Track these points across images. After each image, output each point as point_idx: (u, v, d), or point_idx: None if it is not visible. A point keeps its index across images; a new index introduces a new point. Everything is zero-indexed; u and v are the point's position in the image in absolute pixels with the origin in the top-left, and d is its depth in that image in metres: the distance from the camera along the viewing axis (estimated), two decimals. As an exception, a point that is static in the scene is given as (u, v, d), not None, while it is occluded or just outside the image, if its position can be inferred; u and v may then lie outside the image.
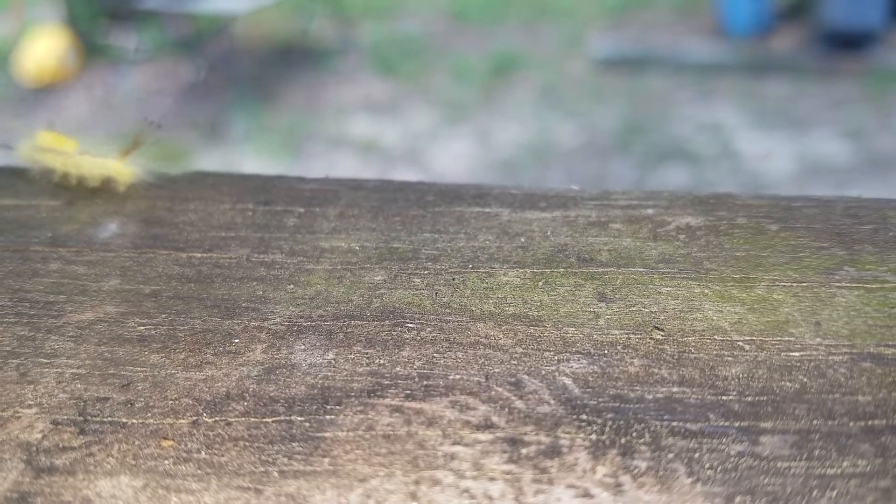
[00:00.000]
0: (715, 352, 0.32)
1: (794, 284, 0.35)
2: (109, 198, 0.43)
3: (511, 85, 3.95)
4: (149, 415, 0.29)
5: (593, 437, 0.28)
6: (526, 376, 0.31)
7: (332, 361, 0.31)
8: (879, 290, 0.35)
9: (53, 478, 0.27)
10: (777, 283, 0.35)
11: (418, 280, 0.36)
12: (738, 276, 0.36)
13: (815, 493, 0.26)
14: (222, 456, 0.27)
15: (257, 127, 3.56)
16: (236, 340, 0.33)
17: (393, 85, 3.99)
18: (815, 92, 3.59)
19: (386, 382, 0.30)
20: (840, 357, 0.31)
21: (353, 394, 0.30)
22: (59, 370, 0.31)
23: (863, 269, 0.36)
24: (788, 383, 0.30)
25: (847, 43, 3.74)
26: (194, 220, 0.41)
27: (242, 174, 0.45)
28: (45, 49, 4.14)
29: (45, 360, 0.32)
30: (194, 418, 0.29)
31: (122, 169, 0.44)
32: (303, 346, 0.32)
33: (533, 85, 3.94)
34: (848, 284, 0.35)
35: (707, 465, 0.27)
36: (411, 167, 3.15)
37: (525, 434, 0.28)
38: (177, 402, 0.29)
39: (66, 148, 0.45)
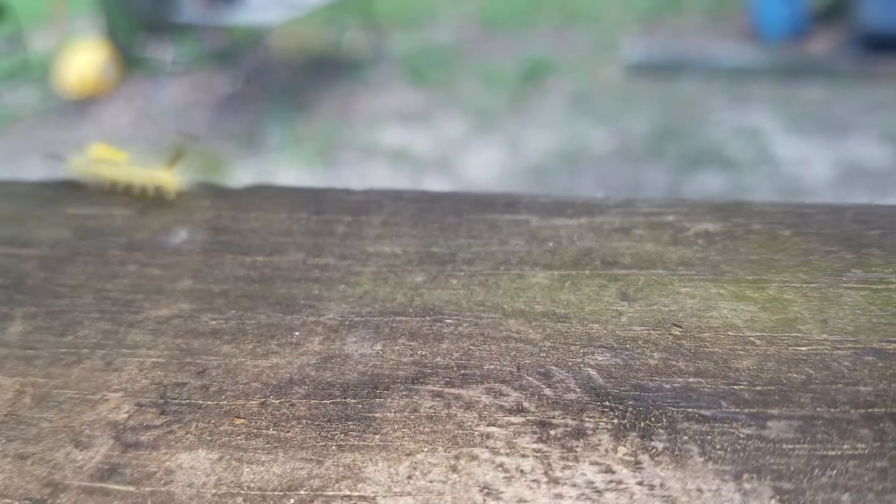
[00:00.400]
0: (728, 346, 0.35)
1: (804, 285, 0.38)
2: (178, 208, 0.47)
3: (542, 91, 3.97)
4: (222, 397, 0.33)
5: (615, 421, 0.31)
6: (554, 367, 0.34)
7: (380, 352, 0.35)
8: (884, 290, 0.37)
9: (139, 451, 0.31)
10: (788, 284, 0.38)
11: (455, 281, 0.40)
12: (751, 277, 0.39)
13: (816, 471, 0.28)
14: (288, 432, 0.31)
15: (292, 137, 3.63)
16: (297, 333, 0.36)
17: (424, 94, 4.04)
18: (852, 95, 3.54)
19: (428, 371, 0.34)
20: (844, 351, 0.34)
21: (399, 380, 0.33)
22: (140, 359, 0.35)
23: (869, 271, 0.39)
24: (795, 375, 0.33)
25: (884, 45, 3.68)
26: (256, 227, 0.45)
27: (296, 187, 0.50)
28: (85, 62, 4.26)
29: (128, 351, 0.36)
30: (262, 400, 0.33)
31: (170, 179, 0.48)
32: (354, 339, 0.36)
33: (564, 91, 3.96)
34: (855, 285, 0.38)
35: (718, 447, 0.30)
36: (442, 175, 3.19)
37: (553, 418, 0.31)
38: (247, 386, 0.33)
39: (117, 159, 0.49)
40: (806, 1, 4.11)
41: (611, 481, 0.28)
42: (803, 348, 0.34)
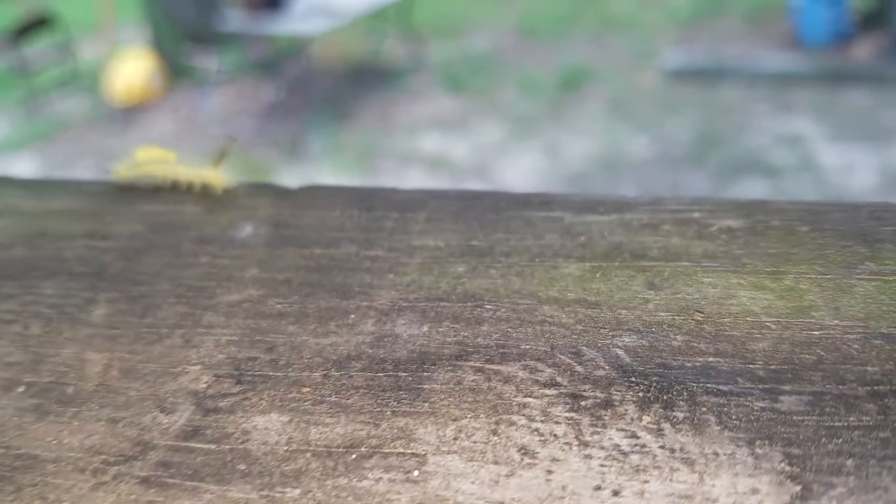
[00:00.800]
0: (746, 330, 0.38)
1: (819, 276, 0.41)
2: (242, 206, 0.52)
3: (580, 98, 3.98)
4: (290, 369, 0.37)
5: (640, 394, 0.34)
6: (585, 347, 0.37)
7: (427, 333, 0.39)
8: (895, 281, 0.40)
9: (219, 416, 0.35)
10: (804, 276, 0.41)
11: (494, 271, 0.44)
12: (770, 269, 0.42)
13: (823, 440, 0.31)
14: (348, 399, 0.35)
15: (333, 145, 3.71)
16: (352, 316, 0.41)
17: (462, 101, 4.08)
18: (897, 101, 3.48)
19: (470, 350, 0.38)
20: (854, 336, 0.37)
21: (444, 357, 0.37)
22: (216, 338, 0.40)
23: (882, 263, 0.41)
24: (807, 356, 0.36)
25: (930, 50, 3.61)
26: (313, 223, 0.50)
27: (348, 187, 0.54)
28: (132, 71, 4.40)
29: (204, 331, 0.40)
30: (325, 372, 0.37)
31: (217, 177, 0.53)
32: (403, 321, 0.40)
33: (603, 98, 3.96)
34: (867, 277, 0.41)
35: (734, 417, 0.33)
36: (480, 182, 3.22)
37: (584, 391, 0.35)
38: (311, 360, 0.38)
39: (167, 158, 0.54)
40: (849, 6, 4.05)
41: (635, 445, 0.32)
42: (816, 332, 0.37)
